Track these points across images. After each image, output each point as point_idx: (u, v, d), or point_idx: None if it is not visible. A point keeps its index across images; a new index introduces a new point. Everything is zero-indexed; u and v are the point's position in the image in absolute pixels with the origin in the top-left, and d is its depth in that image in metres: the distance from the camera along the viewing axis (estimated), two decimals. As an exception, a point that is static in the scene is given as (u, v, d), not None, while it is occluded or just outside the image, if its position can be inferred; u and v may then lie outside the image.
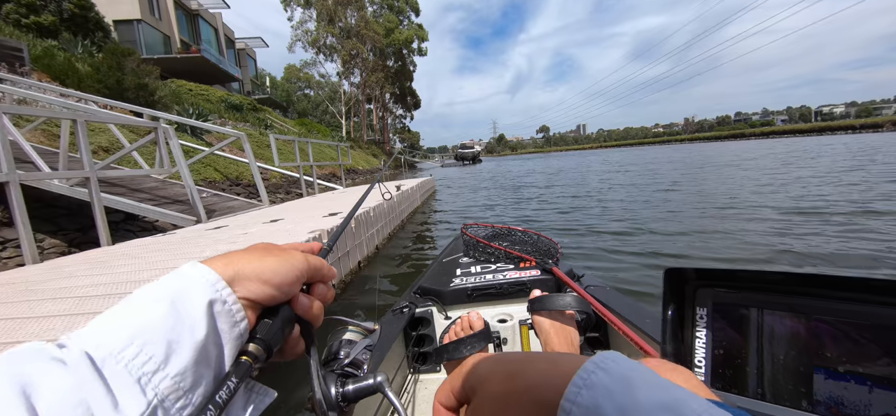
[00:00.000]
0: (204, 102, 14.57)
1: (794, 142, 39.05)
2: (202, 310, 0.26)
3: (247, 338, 0.29)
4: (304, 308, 0.33)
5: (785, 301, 0.52)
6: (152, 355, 0.23)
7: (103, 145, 6.78)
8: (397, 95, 46.88)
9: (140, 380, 0.22)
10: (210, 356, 0.26)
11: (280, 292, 0.31)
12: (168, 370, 0.23)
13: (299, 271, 0.32)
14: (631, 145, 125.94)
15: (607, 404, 0.21)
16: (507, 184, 14.13)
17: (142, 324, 0.24)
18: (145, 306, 0.25)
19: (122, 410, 0.21)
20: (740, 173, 10.77)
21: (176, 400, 0.24)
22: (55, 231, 4.31)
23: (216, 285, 0.27)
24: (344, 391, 0.34)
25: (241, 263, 0.30)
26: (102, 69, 8.94)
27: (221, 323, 0.27)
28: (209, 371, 0.26)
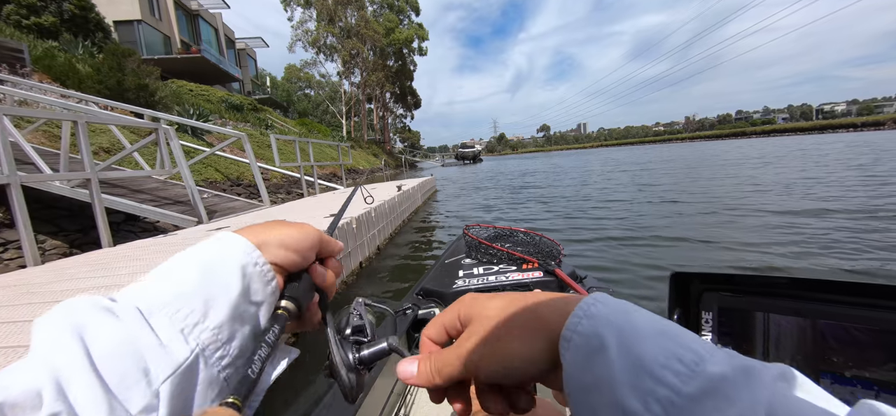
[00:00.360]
0: (204, 103, 14.57)
1: (800, 140, 38.96)
2: (237, 271, 0.28)
3: (279, 297, 0.32)
4: (321, 277, 0.36)
5: (791, 306, 0.52)
6: (193, 308, 0.26)
7: (104, 146, 6.78)
8: (398, 94, 46.87)
9: (183, 331, 0.25)
10: (245, 313, 0.28)
11: (300, 257, 0.34)
12: (207, 323, 0.26)
13: (314, 239, 0.35)
14: (632, 144, 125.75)
15: (607, 330, 0.22)
16: (506, 183, 14.11)
17: (182, 284, 0.26)
18: (185, 267, 0.28)
19: (168, 353, 0.23)
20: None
21: (215, 350, 0.26)
22: (56, 232, 4.32)
23: (247, 248, 0.30)
24: (360, 355, 0.36)
25: (265, 232, 0.33)
26: (103, 70, 8.94)
27: (255, 283, 0.29)
28: (244, 327, 0.28)
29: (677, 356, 0.20)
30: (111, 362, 0.21)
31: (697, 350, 0.21)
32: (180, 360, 0.24)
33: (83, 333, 0.22)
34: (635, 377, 0.20)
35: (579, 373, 0.23)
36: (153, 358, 0.23)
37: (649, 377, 0.20)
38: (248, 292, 0.29)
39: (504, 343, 0.26)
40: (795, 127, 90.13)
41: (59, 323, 0.22)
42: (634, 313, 0.23)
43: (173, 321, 0.25)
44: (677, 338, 0.21)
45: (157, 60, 13.88)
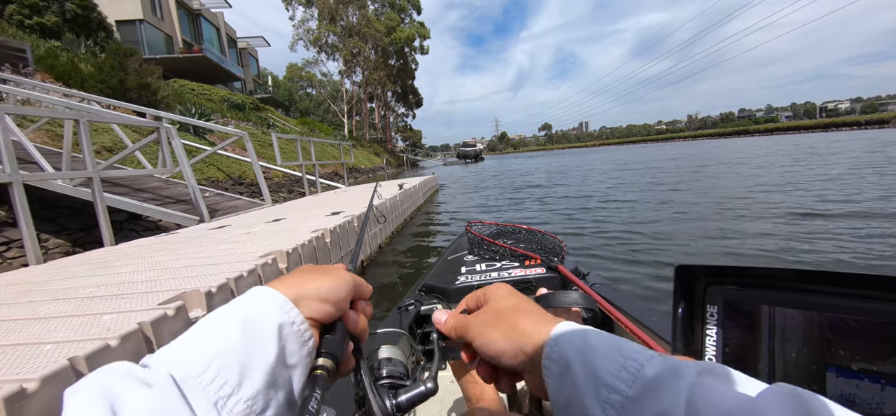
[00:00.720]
0: (206, 102, 14.60)
1: (805, 138, 38.74)
2: (273, 333, 0.27)
3: (315, 354, 0.30)
4: (354, 324, 0.36)
5: (798, 298, 0.51)
6: (227, 380, 0.24)
7: (107, 145, 6.79)
8: (399, 93, 46.85)
9: (216, 403, 0.24)
10: (279, 378, 0.27)
11: (336, 309, 0.33)
12: (241, 393, 0.25)
13: (349, 287, 0.35)
14: (634, 143, 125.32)
15: (571, 352, 0.28)
16: (508, 183, 14.08)
17: (218, 348, 0.25)
18: (220, 329, 0.26)
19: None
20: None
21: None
22: (59, 231, 4.33)
23: (285, 306, 0.29)
24: (397, 401, 0.35)
25: (301, 284, 0.32)
26: (105, 69, 8.95)
27: (291, 344, 0.28)
28: (279, 393, 0.27)
29: (624, 366, 0.25)
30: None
31: (638, 359, 0.25)
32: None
33: (115, 405, 0.20)
34: (595, 387, 0.25)
35: (557, 393, 0.28)
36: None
37: (604, 387, 0.25)
38: (284, 355, 0.28)
39: (489, 331, 0.34)
40: (799, 125, 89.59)
41: (90, 394, 0.21)
42: (592, 336, 0.28)
43: (207, 393, 0.24)
44: (624, 351, 0.26)
45: (159, 60, 13.91)
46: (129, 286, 1.77)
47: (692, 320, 0.58)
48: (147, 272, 2.05)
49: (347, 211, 4.16)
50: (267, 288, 0.30)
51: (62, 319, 1.33)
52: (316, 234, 2.90)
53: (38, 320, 1.33)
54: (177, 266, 2.15)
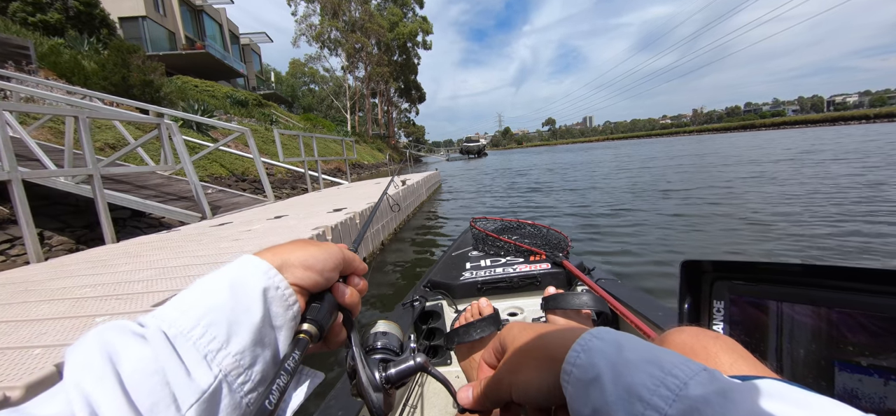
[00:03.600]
0: (209, 98, 14.60)
1: (814, 132, 38.28)
2: (258, 295, 0.29)
3: (300, 320, 0.32)
4: (344, 296, 0.36)
5: (805, 294, 0.51)
6: (216, 336, 0.26)
7: (109, 142, 6.79)
8: (402, 88, 46.74)
9: (206, 356, 0.25)
10: (266, 337, 0.29)
11: (322, 278, 0.34)
12: (230, 348, 0.26)
13: (337, 259, 0.36)
14: (639, 137, 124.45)
15: (601, 362, 0.25)
16: (508, 182, 14.01)
17: (206, 308, 0.27)
18: (208, 291, 0.28)
19: (194, 379, 0.24)
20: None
21: (237, 376, 0.27)
22: (63, 228, 4.32)
23: (268, 272, 0.30)
24: (387, 374, 0.36)
25: (286, 252, 0.33)
26: (108, 66, 8.95)
27: (275, 307, 0.29)
28: (266, 351, 0.29)
29: (664, 382, 0.23)
30: (141, 386, 0.22)
31: (680, 375, 0.23)
32: (205, 387, 0.24)
33: (113, 357, 0.22)
34: (628, 404, 0.23)
35: (579, 405, 0.25)
36: (180, 384, 0.23)
37: (639, 403, 0.22)
38: (270, 317, 0.29)
39: (523, 374, 0.30)
40: (806, 119, 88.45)
41: (90, 348, 0.22)
42: (626, 345, 0.26)
43: (197, 347, 0.25)
44: (664, 365, 0.23)
45: (162, 56, 13.94)
46: (125, 286, 1.74)
47: (698, 316, 0.57)
48: (145, 271, 2.02)
49: (349, 208, 4.12)
50: (253, 256, 0.32)
51: (55, 321, 1.30)
52: (317, 231, 2.86)
53: (31, 323, 1.30)
54: (175, 265, 2.12)
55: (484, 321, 0.83)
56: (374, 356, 0.38)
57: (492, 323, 0.82)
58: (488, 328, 0.81)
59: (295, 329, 0.31)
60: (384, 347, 0.39)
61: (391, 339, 0.40)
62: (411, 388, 1.16)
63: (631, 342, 0.26)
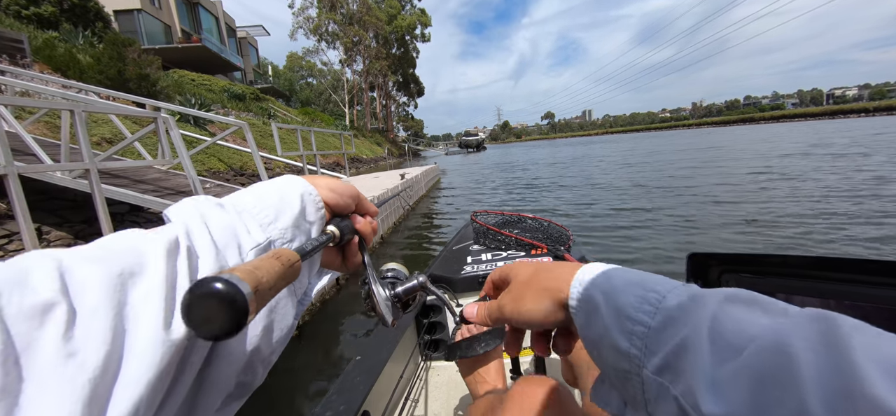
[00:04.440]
0: (206, 92, 14.50)
1: (814, 126, 38.19)
2: (297, 196, 0.38)
3: (326, 223, 0.41)
4: (360, 223, 0.45)
5: (813, 287, 0.51)
6: (268, 214, 0.36)
7: (107, 137, 6.75)
8: (401, 82, 46.48)
9: (261, 224, 0.35)
10: (301, 225, 0.38)
11: (342, 200, 0.43)
12: (277, 224, 0.36)
13: (353, 191, 0.45)
14: (638, 131, 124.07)
15: (595, 292, 0.30)
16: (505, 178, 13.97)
17: (261, 196, 0.37)
18: (265, 190, 0.38)
19: (252, 236, 0.34)
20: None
21: (281, 244, 0.36)
22: (61, 223, 4.31)
23: (304, 183, 0.40)
24: (395, 291, 0.44)
25: (317, 178, 0.43)
26: (103, 60, 8.86)
27: (309, 207, 0.39)
28: (301, 235, 0.38)
29: (646, 299, 0.26)
30: (220, 232, 0.31)
31: (660, 290, 0.27)
32: (260, 241, 0.34)
33: (203, 213, 0.32)
34: (620, 322, 0.27)
35: (586, 331, 0.30)
36: (244, 237, 0.33)
37: (628, 320, 0.26)
38: (305, 212, 0.39)
39: (523, 302, 0.37)
40: (805, 112, 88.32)
41: (190, 207, 0.32)
42: (615, 275, 0.30)
43: (256, 218, 0.35)
44: (646, 284, 0.28)
45: (158, 50, 13.79)
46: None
47: None
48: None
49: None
50: (293, 174, 0.42)
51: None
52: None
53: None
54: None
55: (488, 335, 0.80)
56: (385, 280, 0.45)
57: (496, 336, 0.80)
58: (493, 342, 0.79)
59: (322, 229, 0.40)
60: (393, 276, 0.47)
61: (399, 272, 0.48)
62: (414, 383, 1.15)
63: (618, 271, 0.31)
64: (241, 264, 0.29)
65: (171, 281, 0.26)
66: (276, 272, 0.25)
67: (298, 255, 0.29)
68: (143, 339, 0.23)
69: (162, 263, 0.26)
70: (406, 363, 1.15)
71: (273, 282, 0.24)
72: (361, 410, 0.86)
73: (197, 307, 0.19)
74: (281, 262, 0.26)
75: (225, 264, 0.30)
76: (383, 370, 0.97)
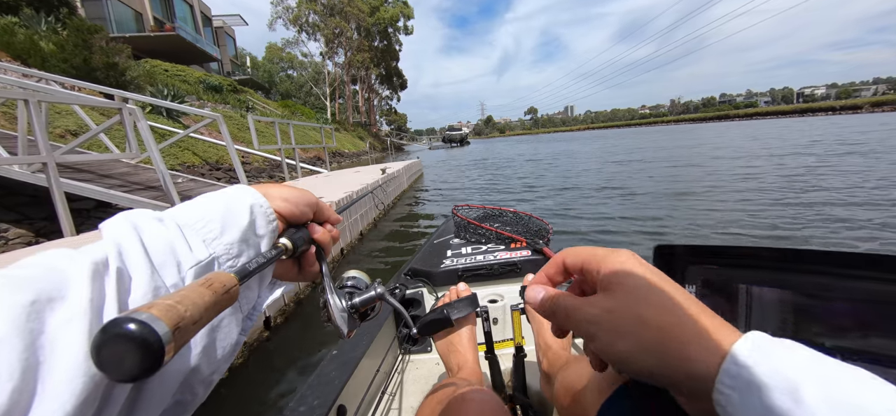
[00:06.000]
0: (180, 83, 13.97)
1: (786, 123, 39.71)
2: (245, 207, 0.36)
3: (278, 236, 0.39)
4: (318, 233, 0.43)
5: (774, 277, 0.52)
6: (212, 228, 0.34)
7: (71, 129, 6.43)
8: (383, 75, 45.93)
9: (204, 240, 0.33)
10: (250, 239, 0.36)
11: (297, 210, 0.41)
12: (222, 239, 0.34)
13: (310, 199, 0.42)
14: (618, 127, 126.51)
15: (775, 394, 0.22)
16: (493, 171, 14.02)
17: (206, 210, 0.35)
18: (209, 201, 0.36)
19: (193, 253, 0.32)
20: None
21: (226, 260, 0.34)
22: (20, 220, 4.09)
23: (254, 194, 0.38)
24: (352, 302, 0.43)
25: (270, 188, 0.40)
26: (68, 47, 8.42)
27: (259, 220, 0.37)
28: (250, 250, 0.36)
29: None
30: (156, 249, 0.29)
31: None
32: (201, 259, 0.32)
33: (138, 229, 0.30)
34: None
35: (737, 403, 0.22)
36: (183, 254, 0.31)
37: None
38: (254, 225, 0.36)
39: (633, 351, 0.27)
40: (777, 110, 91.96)
41: (123, 221, 0.30)
42: (814, 368, 0.22)
43: (199, 234, 0.33)
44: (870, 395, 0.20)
45: (129, 39, 13.15)
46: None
47: None
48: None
49: (327, 197, 4.04)
50: (243, 185, 0.39)
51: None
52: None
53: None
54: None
55: (461, 302, 0.81)
56: (343, 290, 0.45)
57: (469, 304, 0.81)
58: (465, 309, 0.80)
59: (273, 242, 0.38)
60: (352, 285, 0.46)
61: (358, 281, 0.47)
62: (391, 377, 1.15)
63: (820, 362, 0.22)
64: (168, 292, 0.29)
65: (96, 306, 0.24)
66: (205, 303, 0.23)
67: (237, 278, 0.28)
68: (60, 371, 0.21)
69: (86, 286, 0.24)
70: (383, 356, 1.14)
71: (199, 314, 0.22)
72: (336, 404, 0.84)
73: (107, 349, 0.19)
74: (212, 290, 0.25)
75: (160, 286, 0.29)
76: (359, 364, 0.96)
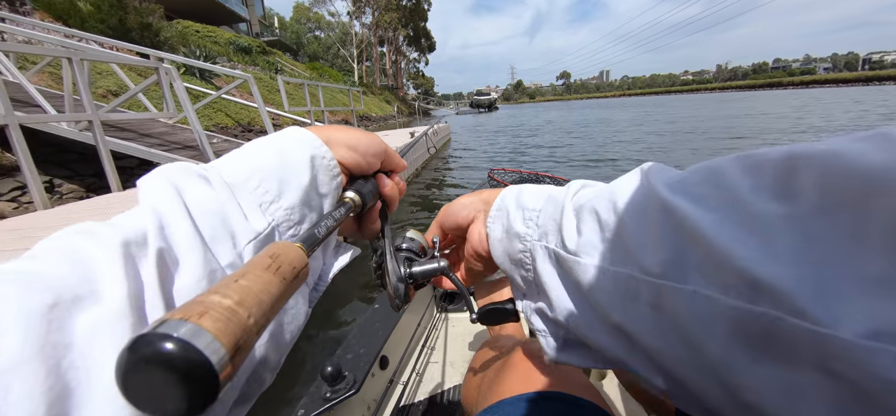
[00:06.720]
0: (212, 44, 14.13)
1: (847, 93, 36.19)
2: (306, 161, 0.30)
3: (342, 190, 0.33)
4: (385, 186, 0.37)
5: None
6: (269, 189, 0.28)
7: (112, 89, 6.64)
8: (411, 36, 44.73)
9: (261, 206, 0.27)
10: (313, 200, 0.30)
11: (365, 161, 0.34)
12: (281, 203, 0.28)
13: (380, 147, 0.36)
14: (657, 94, 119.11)
15: (509, 200, 0.35)
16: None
17: (259, 164, 0.28)
18: (260, 152, 0.29)
19: (250, 222, 0.26)
20: None
21: (287, 228, 0.28)
22: (72, 176, 4.31)
23: (314, 142, 0.31)
24: (411, 270, 0.39)
25: (332, 131, 0.34)
26: (103, 8, 8.58)
27: (321, 175, 0.31)
28: (312, 213, 0.30)
29: (540, 193, 0.34)
30: (205, 218, 0.24)
31: (544, 193, 0.34)
32: (260, 230, 0.26)
33: (182, 192, 0.24)
34: (522, 213, 0.33)
35: (497, 230, 0.35)
36: (238, 224, 0.25)
37: (526, 211, 0.33)
38: (316, 183, 0.30)
39: (465, 202, 0.41)
40: (838, 78, 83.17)
41: (162, 182, 0.24)
42: (525, 189, 0.35)
43: (253, 196, 0.27)
44: (545, 188, 0.35)
45: (161, -2, 13.30)
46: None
47: None
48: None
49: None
50: (300, 128, 0.32)
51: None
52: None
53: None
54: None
55: None
56: (401, 254, 0.40)
57: None
58: None
59: (338, 198, 0.33)
60: (409, 248, 0.42)
61: (415, 244, 0.43)
62: (429, 332, 1.19)
63: (532, 187, 0.36)
64: (224, 275, 0.23)
65: (136, 303, 0.19)
66: (272, 296, 0.18)
67: (306, 251, 0.22)
68: (98, 401, 0.16)
69: (121, 275, 0.18)
70: (423, 312, 1.20)
71: (265, 315, 0.17)
72: (380, 355, 0.89)
73: (137, 377, 0.13)
74: (280, 275, 0.19)
75: (217, 270, 0.23)
76: (401, 319, 1.01)
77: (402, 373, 1.02)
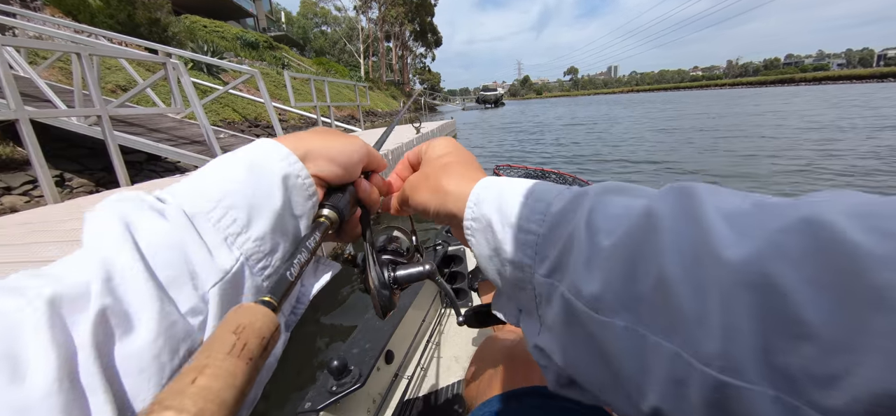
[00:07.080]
0: (219, 40, 14.19)
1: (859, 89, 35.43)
2: (278, 182, 0.27)
3: (319, 207, 0.31)
4: (365, 191, 0.35)
5: None
6: (236, 219, 0.25)
7: (121, 84, 6.70)
8: (418, 31, 44.57)
9: (227, 239, 0.24)
10: (287, 225, 0.28)
11: (345, 172, 0.32)
12: (250, 233, 0.25)
13: (362, 152, 0.34)
14: (665, 90, 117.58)
15: (490, 211, 0.29)
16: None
17: (226, 189, 0.25)
18: (226, 174, 0.26)
19: (215, 260, 0.23)
20: None
21: (257, 261, 0.26)
22: (82, 171, 4.36)
23: (289, 159, 0.28)
24: (395, 274, 0.37)
25: (310, 141, 0.31)
26: (112, 3, 8.64)
27: (295, 196, 0.28)
28: (285, 240, 0.28)
29: (535, 208, 0.27)
30: (159, 259, 0.21)
31: (547, 198, 0.27)
32: (227, 268, 0.23)
33: (133, 229, 0.21)
34: (514, 235, 0.27)
35: (482, 247, 0.29)
36: (201, 263, 0.22)
37: (521, 232, 0.27)
38: (290, 205, 0.28)
39: (425, 198, 0.34)
40: (852, 74, 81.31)
41: (108, 216, 0.21)
42: (506, 190, 0.29)
43: (217, 229, 0.24)
44: (537, 195, 0.28)
45: (169, -7, 13.37)
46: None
47: None
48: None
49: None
50: (272, 141, 0.29)
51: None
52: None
53: (37, 264, 1.27)
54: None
55: None
56: (384, 257, 0.39)
57: None
58: None
59: (314, 217, 0.30)
60: (394, 250, 0.40)
61: (401, 243, 0.41)
62: (434, 327, 1.20)
63: (510, 185, 0.29)
64: (185, 325, 0.20)
65: (68, 377, 0.16)
66: (236, 393, 0.14)
67: (276, 302, 0.20)
68: None
69: (46, 347, 0.15)
70: (427, 308, 1.21)
71: (230, 411, 0.14)
72: (385, 349, 0.90)
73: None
74: (246, 358, 0.15)
75: (176, 321, 0.20)
76: (406, 314, 1.02)
77: (407, 367, 1.03)
